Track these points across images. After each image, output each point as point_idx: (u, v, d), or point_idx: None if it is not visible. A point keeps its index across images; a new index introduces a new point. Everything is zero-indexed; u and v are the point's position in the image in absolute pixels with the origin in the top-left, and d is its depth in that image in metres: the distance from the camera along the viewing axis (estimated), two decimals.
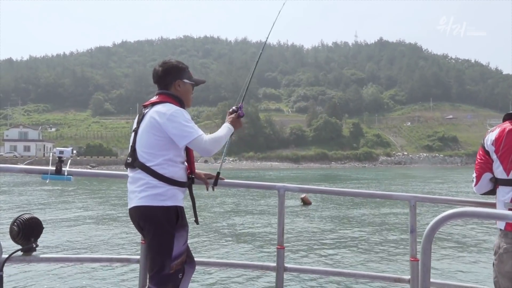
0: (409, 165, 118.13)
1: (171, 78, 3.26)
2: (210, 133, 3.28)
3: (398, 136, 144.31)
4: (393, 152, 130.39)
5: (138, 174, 3.09)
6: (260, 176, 59.96)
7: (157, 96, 3.25)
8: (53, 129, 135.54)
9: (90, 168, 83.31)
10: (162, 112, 3.06)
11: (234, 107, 3.48)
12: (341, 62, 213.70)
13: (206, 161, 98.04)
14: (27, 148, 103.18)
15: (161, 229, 3.02)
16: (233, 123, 3.36)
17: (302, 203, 24.71)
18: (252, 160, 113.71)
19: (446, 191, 34.25)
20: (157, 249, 3.04)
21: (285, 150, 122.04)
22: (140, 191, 3.05)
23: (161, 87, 3.28)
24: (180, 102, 3.24)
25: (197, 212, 3.24)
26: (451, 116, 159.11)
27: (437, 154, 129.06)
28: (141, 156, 3.10)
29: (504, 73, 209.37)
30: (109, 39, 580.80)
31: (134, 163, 3.12)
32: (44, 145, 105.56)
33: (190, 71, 3.38)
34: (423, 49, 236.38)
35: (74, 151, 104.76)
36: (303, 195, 24.91)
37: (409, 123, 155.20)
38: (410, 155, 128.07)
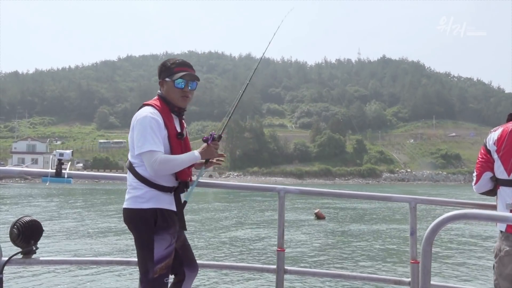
0: (412, 182, 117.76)
1: (159, 78, 3.23)
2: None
3: (401, 153, 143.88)
4: (397, 169, 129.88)
5: (128, 175, 3.12)
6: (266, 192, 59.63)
7: (155, 96, 3.27)
8: (59, 142, 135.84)
9: (97, 181, 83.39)
10: (135, 116, 3.07)
11: (209, 136, 3.28)
12: (344, 79, 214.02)
13: (210, 176, 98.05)
14: (35, 161, 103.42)
15: (139, 233, 3.02)
16: (203, 151, 3.18)
17: (315, 218, 24.74)
18: (257, 175, 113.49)
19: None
20: (139, 253, 3.05)
21: (289, 166, 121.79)
22: (126, 193, 3.08)
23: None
24: (168, 103, 3.17)
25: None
26: (454, 134, 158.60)
27: (440, 172, 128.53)
28: (129, 155, 3.13)
29: (506, 91, 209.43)
30: (114, 53, 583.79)
31: (126, 162, 3.17)
32: (52, 158, 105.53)
33: (183, 67, 3.18)
34: (426, 67, 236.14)
35: (81, 164, 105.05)
36: (316, 210, 25.00)
37: (412, 140, 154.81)
38: (413, 172, 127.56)
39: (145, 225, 2.99)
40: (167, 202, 3.08)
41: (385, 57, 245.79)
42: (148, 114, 3.01)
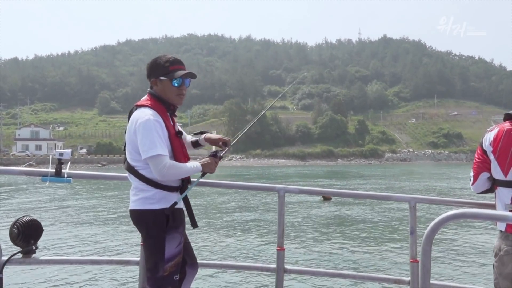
0: (414, 162, 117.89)
1: (150, 77, 3.22)
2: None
3: (403, 133, 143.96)
4: (398, 149, 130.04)
5: (130, 177, 3.12)
6: (270, 174, 59.90)
7: (146, 96, 3.22)
8: (61, 128, 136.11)
9: (100, 167, 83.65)
10: (135, 119, 3.03)
11: (215, 151, 3.30)
12: (345, 60, 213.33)
13: None
14: (38, 147, 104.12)
15: (151, 232, 3.03)
16: (204, 164, 3.17)
17: (322, 199, 25.14)
18: (259, 158, 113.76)
19: (450, 189, 34.13)
20: (150, 252, 3.06)
21: (292, 148, 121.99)
22: (132, 194, 3.09)
23: (150, 86, 3.25)
24: (164, 102, 3.17)
25: (198, 213, 3.22)
26: (455, 113, 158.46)
27: (442, 151, 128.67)
28: (128, 158, 3.11)
29: (508, 69, 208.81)
30: (113, 38, 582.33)
31: (124, 164, 3.16)
32: (55, 144, 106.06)
33: (178, 65, 3.19)
34: (427, 46, 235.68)
35: (84, 150, 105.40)
36: None
37: (414, 119, 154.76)
38: (415, 152, 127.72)
39: (157, 225, 3.02)
40: (174, 201, 3.11)
41: (386, 36, 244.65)
42: (150, 116, 2.99)
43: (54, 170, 3.35)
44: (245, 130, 3.70)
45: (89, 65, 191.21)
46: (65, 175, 3.37)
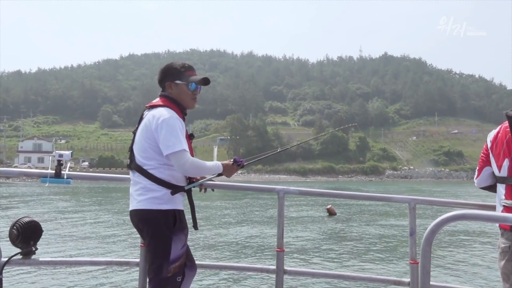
0: (415, 179, 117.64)
1: (164, 81, 3.27)
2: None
3: (403, 150, 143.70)
4: (399, 166, 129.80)
5: (137, 177, 3.11)
6: None
7: (158, 98, 3.27)
8: (63, 141, 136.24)
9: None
10: (156, 116, 3.06)
11: (240, 159, 3.35)
12: (346, 76, 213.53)
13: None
14: (41, 160, 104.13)
15: (158, 232, 3.03)
16: (225, 166, 3.25)
17: (328, 214, 24.91)
18: (260, 173, 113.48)
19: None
20: (155, 252, 3.05)
21: (293, 164, 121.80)
22: (138, 194, 3.08)
23: (161, 90, 3.31)
24: (178, 105, 3.23)
25: (199, 215, 3.23)
26: (456, 131, 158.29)
27: (442, 169, 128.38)
28: (138, 158, 3.11)
29: (508, 88, 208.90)
30: (116, 52, 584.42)
31: (131, 165, 3.16)
32: (51, 158, 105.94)
33: (193, 71, 3.31)
34: (428, 64, 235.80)
35: (86, 163, 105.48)
36: (328, 206, 25.14)
37: (415, 137, 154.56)
38: (416, 169, 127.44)
39: (166, 225, 3.04)
40: (180, 203, 3.16)
41: (386, 54, 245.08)
42: (172, 115, 3.08)
43: (53, 171, 3.36)
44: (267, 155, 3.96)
45: (91, 78, 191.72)
46: (65, 176, 3.37)
